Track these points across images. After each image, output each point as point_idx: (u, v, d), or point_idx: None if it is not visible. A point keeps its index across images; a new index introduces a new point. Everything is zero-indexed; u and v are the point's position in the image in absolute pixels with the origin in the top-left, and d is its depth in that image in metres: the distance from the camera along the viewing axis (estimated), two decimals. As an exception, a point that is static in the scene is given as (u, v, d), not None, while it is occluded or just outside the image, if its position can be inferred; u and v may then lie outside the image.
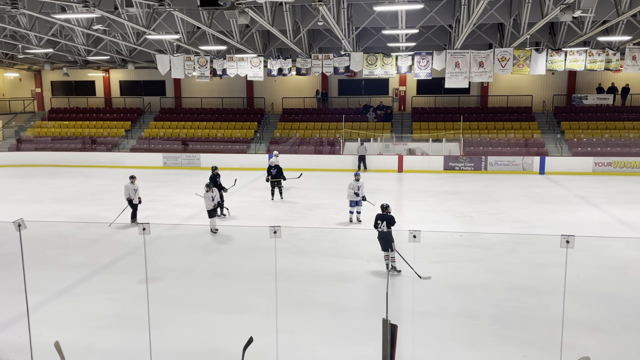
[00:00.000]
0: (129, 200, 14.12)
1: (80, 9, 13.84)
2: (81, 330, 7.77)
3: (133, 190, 14.12)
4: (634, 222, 14.29)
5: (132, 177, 14.40)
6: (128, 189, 14.15)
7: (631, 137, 25.68)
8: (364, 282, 9.80)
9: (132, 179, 14.28)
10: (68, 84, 34.27)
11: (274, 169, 17.33)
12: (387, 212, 10.19)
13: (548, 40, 22.11)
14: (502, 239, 12.54)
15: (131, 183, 14.17)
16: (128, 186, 14.17)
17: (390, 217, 10.14)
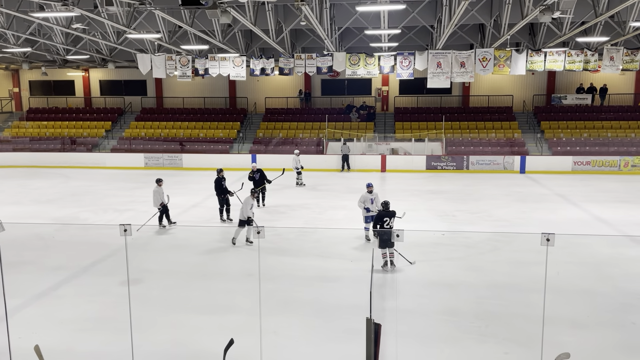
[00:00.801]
0: (162, 205, 13.40)
1: (59, 7, 13.64)
2: (61, 334, 7.66)
3: (163, 193, 13.44)
4: (612, 220, 14.54)
5: (160, 180, 13.70)
6: (159, 194, 13.41)
7: (609, 137, 26.14)
8: (348, 281, 9.81)
9: (159, 183, 13.58)
10: (47, 84, 33.74)
11: (257, 173, 16.39)
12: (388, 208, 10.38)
13: (528, 40, 22.40)
14: (483, 237, 12.66)
15: (159, 187, 13.50)
16: (158, 190, 13.45)
17: (393, 212, 10.37)
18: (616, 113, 28.01)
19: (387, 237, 10.09)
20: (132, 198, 18.13)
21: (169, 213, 13.62)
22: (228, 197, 14.31)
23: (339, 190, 19.51)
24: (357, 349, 6.28)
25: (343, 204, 16.50)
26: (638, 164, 23.59)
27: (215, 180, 14.47)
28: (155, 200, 13.46)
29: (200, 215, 15.58)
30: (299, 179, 20.59)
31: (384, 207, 10.46)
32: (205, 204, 17.27)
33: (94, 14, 15.14)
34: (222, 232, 13.45)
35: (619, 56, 20.15)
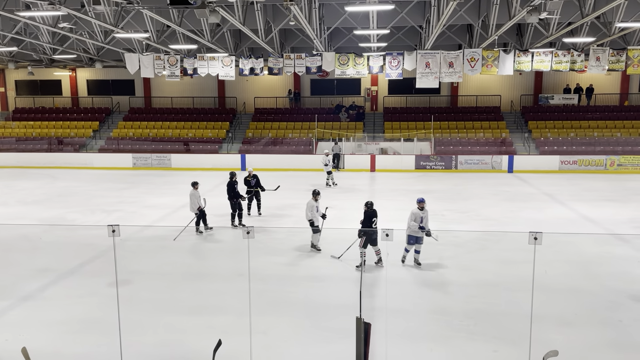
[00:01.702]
0: (199, 209, 12.82)
1: (46, 6, 13.50)
2: (49, 336, 7.58)
3: (199, 197, 12.88)
4: (599, 219, 14.70)
5: (196, 183, 13.12)
6: (195, 197, 12.81)
7: (595, 136, 26.42)
8: (338, 281, 9.82)
9: (195, 186, 13.01)
10: (33, 83, 33.39)
11: (253, 178, 15.10)
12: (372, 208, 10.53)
13: (515, 41, 22.58)
14: (472, 236, 12.74)
15: (196, 190, 12.93)
16: (194, 194, 12.84)
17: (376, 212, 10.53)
18: (602, 113, 28.32)
19: (375, 236, 10.20)
20: (120, 199, 18.00)
21: (206, 218, 13.05)
22: (240, 201, 13.76)
23: (329, 190, 19.51)
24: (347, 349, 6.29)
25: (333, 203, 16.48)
26: (624, 163, 23.87)
27: (228, 183, 13.79)
28: (192, 204, 12.84)
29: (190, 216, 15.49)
30: (329, 179, 20.22)
31: (369, 207, 10.51)
32: (194, 204, 17.18)
33: (81, 13, 15.01)
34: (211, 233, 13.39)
35: (605, 56, 20.37)
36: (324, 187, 19.52)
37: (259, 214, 15.21)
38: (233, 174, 14.08)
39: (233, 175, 13.99)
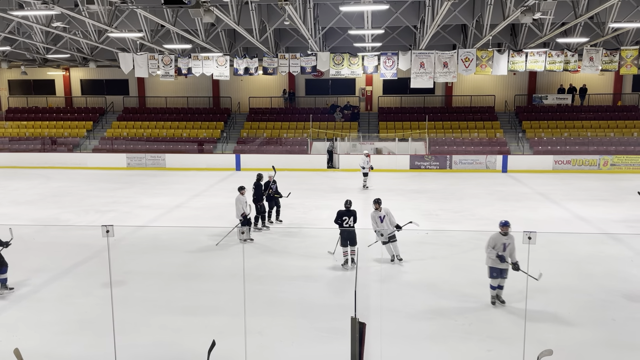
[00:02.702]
0: (244, 215, 12.07)
1: (39, 5, 13.44)
2: (42, 337, 7.55)
3: (245, 203, 12.21)
4: (592, 218, 14.77)
5: (242, 188, 12.45)
6: (241, 202, 12.11)
7: (589, 136, 26.55)
8: (333, 281, 9.83)
9: (242, 191, 12.34)
10: (26, 83, 33.21)
11: (274, 183, 14.01)
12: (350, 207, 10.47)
13: (509, 41, 22.65)
14: (466, 236, 12.77)
15: (242, 195, 12.25)
16: (240, 199, 12.14)
17: (354, 212, 10.42)
18: (595, 113, 28.46)
19: (348, 235, 10.20)
20: (114, 199, 17.94)
21: (251, 225, 12.49)
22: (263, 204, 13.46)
23: (324, 189, 19.52)
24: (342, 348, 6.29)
25: (328, 203, 16.51)
26: (617, 162, 24.01)
27: (256, 185, 13.49)
28: (237, 210, 12.18)
29: (184, 216, 15.48)
30: (365, 181, 19.82)
31: (347, 205, 10.51)
32: (189, 204, 17.17)
33: (75, 12, 14.94)
34: (206, 233, 13.37)
35: (598, 57, 20.47)
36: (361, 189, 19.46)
37: (279, 220, 14.30)
38: (261, 176, 13.79)
39: (261, 178, 13.71)
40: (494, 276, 8.48)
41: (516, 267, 8.21)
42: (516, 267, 8.21)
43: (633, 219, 14.67)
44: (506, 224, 8.51)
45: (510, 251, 8.33)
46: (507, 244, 8.36)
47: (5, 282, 9.07)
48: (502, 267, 8.35)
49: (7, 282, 9.08)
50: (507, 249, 8.35)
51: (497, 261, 8.31)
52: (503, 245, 8.37)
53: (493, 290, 8.56)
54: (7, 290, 9.05)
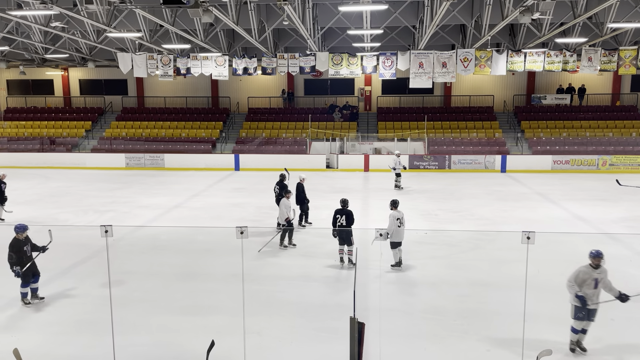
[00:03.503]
0: (287, 220, 11.60)
1: (38, 5, 13.43)
2: (41, 337, 7.54)
3: (289, 207, 11.76)
4: (591, 218, 14.79)
5: (288, 191, 12.15)
6: (286, 206, 11.62)
7: (588, 136, 26.58)
8: (331, 281, 9.83)
9: (288, 194, 11.98)
10: (25, 83, 33.18)
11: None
12: (346, 207, 10.46)
13: (508, 41, 22.68)
14: (465, 236, 12.78)
15: (287, 199, 11.83)
16: (286, 203, 11.64)
17: (349, 211, 10.40)
18: (594, 113, 28.49)
19: (343, 235, 10.19)
20: (113, 199, 17.93)
21: (292, 232, 11.97)
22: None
23: (323, 190, 19.52)
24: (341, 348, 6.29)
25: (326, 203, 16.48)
26: (616, 162, 24.03)
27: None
28: (281, 214, 11.69)
29: (183, 216, 15.47)
30: (397, 181, 19.52)
31: (342, 204, 10.52)
32: (188, 204, 17.16)
33: (73, 12, 14.93)
34: (205, 233, 13.38)
35: (597, 57, 20.50)
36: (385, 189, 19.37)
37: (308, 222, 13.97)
38: (283, 175, 13.80)
39: (284, 177, 13.72)
40: (579, 317, 6.94)
41: (625, 298, 6.92)
42: (625, 298, 6.92)
43: (632, 219, 14.69)
44: (598, 255, 6.93)
45: (605, 287, 6.94)
46: (599, 280, 6.91)
47: (36, 291, 8.70)
48: (592, 307, 6.90)
49: (37, 291, 8.71)
50: (600, 285, 6.91)
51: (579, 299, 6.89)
52: (594, 282, 6.88)
53: (575, 335, 7.04)
54: (38, 300, 8.66)
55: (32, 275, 8.57)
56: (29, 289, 8.59)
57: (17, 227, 8.58)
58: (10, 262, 8.43)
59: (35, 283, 8.64)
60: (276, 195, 13.50)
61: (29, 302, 8.56)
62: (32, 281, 8.60)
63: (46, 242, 8.67)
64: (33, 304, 8.56)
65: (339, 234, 10.29)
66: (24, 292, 8.58)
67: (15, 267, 8.38)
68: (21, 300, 8.55)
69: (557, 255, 11.02)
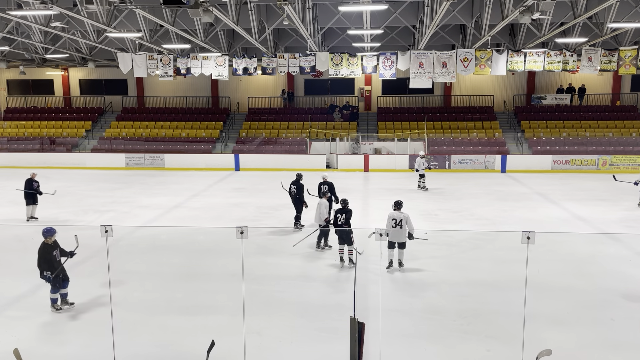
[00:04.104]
0: (327, 221, 11.27)
1: (38, 5, 13.43)
2: (41, 336, 7.54)
3: (327, 207, 11.54)
4: (591, 218, 14.79)
5: (326, 193, 11.89)
6: (324, 207, 11.44)
7: (588, 136, 26.58)
8: (331, 281, 9.83)
9: (326, 195, 11.75)
10: (25, 83, 33.18)
11: (325, 185, 13.22)
12: (346, 206, 10.47)
13: (508, 41, 22.68)
14: (465, 236, 12.78)
15: (326, 199, 11.66)
16: (323, 203, 11.49)
17: (348, 210, 10.42)
18: (594, 113, 28.49)
19: (343, 234, 10.19)
20: (113, 199, 17.92)
21: (328, 234, 11.58)
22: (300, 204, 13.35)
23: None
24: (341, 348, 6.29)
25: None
26: (616, 162, 24.03)
27: (298, 185, 13.46)
28: (318, 214, 11.46)
29: (183, 216, 15.47)
30: (421, 182, 19.27)
31: (342, 204, 10.54)
32: (188, 204, 17.16)
33: (74, 12, 14.93)
34: (205, 233, 13.38)
35: (597, 57, 20.50)
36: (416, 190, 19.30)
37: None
38: (300, 175, 13.72)
39: (300, 177, 13.65)
40: None
41: None
42: None
43: (632, 219, 14.69)
44: None
45: None
46: None
47: (65, 296, 8.41)
48: None
49: (67, 296, 8.43)
50: None
51: None
52: None
53: None
54: (68, 306, 8.38)
55: (61, 281, 8.31)
56: (59, 294, 8.33)
57: (45, 230, 8.25)
58: (41, 268, 8.12)
59: (65, 288, 8.37)
60: (293, 195, 13.48)
61: (59, 307, 8.31)
62: (62, 286, 8.33)
63: (73, 247, 8.39)
64: (64, 310, 8.30)
65: (338, 233, 10.29)
66: (54, 298, 8.31)
67: (45, 273, 8.06)
68: (51, 306, 8.29)
69: (557, 255, 11.03)
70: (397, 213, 10.12)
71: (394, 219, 10.07)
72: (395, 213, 10.13)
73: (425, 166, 19.43)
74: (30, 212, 14.67)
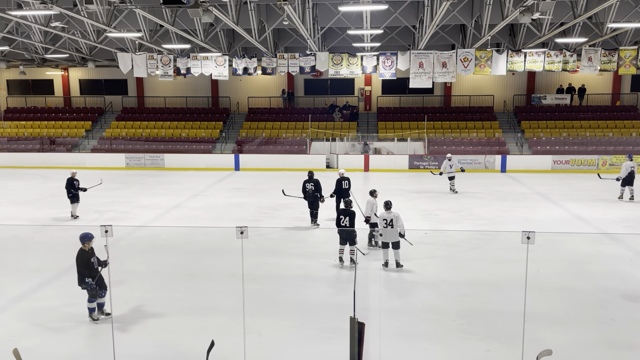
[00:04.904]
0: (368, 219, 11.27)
1: (38, 5, 13.43)
2: (41, 337, 7.53)
3: (375, 206, 11.39)
4: (591, 218, 14.78)
5: (374, 191, 11.68)
6: (372, 205, 11.33)
7: (588, 136, 26.58)
8: (332, 281, 9.83)
9: (375, 194, 11.58)
10: (25, 83, 33.18)
11: (345, 180, 13.98)
12: (350, 208, 10.48)
13: (508, 41, 22.68)
14: (465, 236, 12.77)
15: (374, 198, 11.48)
16: (372, 202, 11.37)
17: (352, 212, 10.41)
18: (594, 113, 28.49)
19: (346, 235, 10.20)
20: (112, 199, 17.92)
21: (373, 233, 11.55)
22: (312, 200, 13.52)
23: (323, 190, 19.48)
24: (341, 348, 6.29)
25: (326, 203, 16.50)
26: (616, 162, 24.01)
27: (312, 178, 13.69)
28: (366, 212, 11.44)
29: (183, 216, 15.47)
30: (452, 185, 18.84)
31: (346, 205, 10.56)
32: (188, 204, 17.16)
33: (73, 12, 14.93)
34: (205, 233, 13.38)
35: (597, 57, 20.50)
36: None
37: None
38: (312, 173, 13.92)
39: (312, 175, 13.85)
40: None
41: None
42: None
43: (632, 219, 14.69)
44: None
45: None
46: None
47: (102, 306, 8.02)
48: None
49: (104, 306, 8.03)
50: None
51: None
52: None
53: None
54: (104, 316, 7.97)
55: (99, 290, 7.92)
56: (96, 303, 7.96)
57: (83, 236, 7.89)
58: (81, 275, 7.76)
59: (103, 297, 7.98)
60: (308, 194, 13.58)
61: (97, 317, 7.92)
62: (100, 295, 7.95)
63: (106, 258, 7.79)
64: (101, 320, 7.92)
65: (342, 234, 10.29)
66: (92, 307, 7.91)
67: (87, 279, 7.71)
68: (88, 316, 7.92)
69: (557, 255, 11.03)
70: (386, 213, 10.25)
71: (384, 219, 10.23)
72: (385, 213, 10.27)
73: (454, 169, 18.69)
74: (75, 210, 14.92)
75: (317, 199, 13.59)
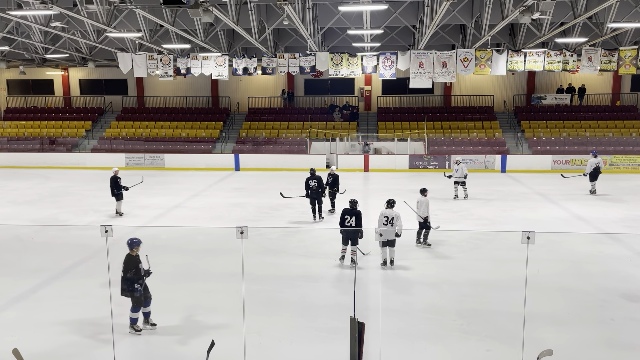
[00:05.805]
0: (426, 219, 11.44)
1: (38, 5, 13.42)
2: (41, 337, 7.53)
3: (428, 205, 11.53)
4: (591, 218, 14.78)
5: (425, 190, 11.81)
6: (424, 204, 11.46)
7: (588, 136, 26.58)
8: (332, 281, 9.83)
9: (424, 193, 11.71)
10: (25, 83, 33.18)
11: (331, 177, 15.00)
12: (355, 207, 10.43)
13: (508, 41, 22.67)
14: (465, 236, 12.78)
15: (425, 197, 11.63)
16: (424, 201, 11.48)
17: (358, 212, 10.38)
18: (594, 113, 28.49)
19: (350, 235, 10.21)
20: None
21: (429, 232, 11.75)
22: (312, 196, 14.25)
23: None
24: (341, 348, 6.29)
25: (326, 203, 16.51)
26: (616, 162, 24.02)
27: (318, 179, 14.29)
28: (420, 211, 11.60)
29: (183, 216, 15.47)
30: (465, 189, 18.15)
31: (351, 205, 10.53)
32: (188, 204, 17.16)
33: (74, 12, 14.93)
34: (205, 233, 13.38)
35: (597, 57, 20.50)
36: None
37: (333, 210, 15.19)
38: (313, 170, 14.43)
39: (314, 171, 14.40)
40: None
41: None
42: None
43: (632, 219, 14.69)
44: None
45: None
46: None
47: (148, 315, 7.68)
48: None
49: (150, 315, 7.71)
50: None
51: None
52: None
53: None
54: (150, 327, 7.66)
55: (144, 299, 7.59)
56: (141, 312, 7.64)
57: (132, 242, 7.63)
58: (128, 282, 7.43)
59: (148, 307, 7.66)
60: (315, 190, 14.03)
61: (140, 328, 7.57)
62: (145, 304, 7.62)
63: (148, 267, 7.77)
64: (145, 330, 7.62)
65: (346, 234, 10.27)
66: (135, 317, 7.54)
67: (137, 285, 7.40)
68: (130, 326, 7.53)
69: (557, 255, 11.03)
70: (388, 211, 10.30)
71: (385, 217, 10.28)
72: (387, 211, 10.31)
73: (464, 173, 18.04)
74: (119, 207, 15.18)
75: (321, 195, 14.18)
